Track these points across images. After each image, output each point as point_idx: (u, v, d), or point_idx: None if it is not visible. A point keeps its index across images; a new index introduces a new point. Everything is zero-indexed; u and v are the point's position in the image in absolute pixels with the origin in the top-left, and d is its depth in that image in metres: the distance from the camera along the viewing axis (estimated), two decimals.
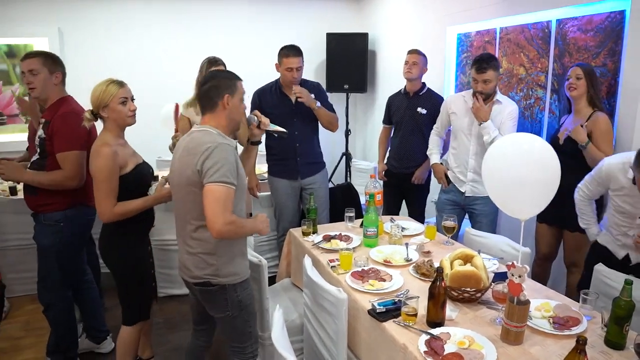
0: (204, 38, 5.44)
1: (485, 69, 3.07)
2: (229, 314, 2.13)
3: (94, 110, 2.31)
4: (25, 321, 3.59)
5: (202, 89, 2.07)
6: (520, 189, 1.82)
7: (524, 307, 1.73)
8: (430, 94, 3.87)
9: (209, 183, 1.90)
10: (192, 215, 2.04)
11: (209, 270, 2.07)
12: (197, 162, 1.93)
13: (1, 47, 4.98)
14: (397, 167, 3.92)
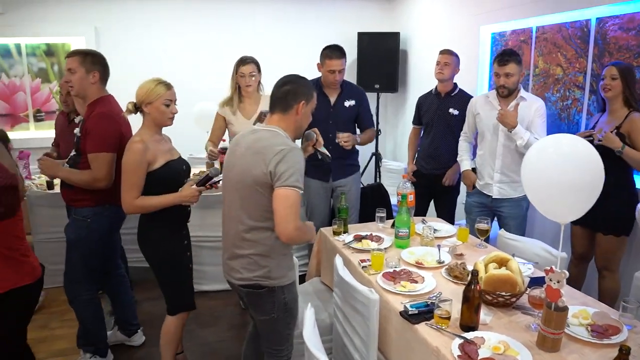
0: (236, 37, 5.50)
1: (507, 61, 3.03)
2: (273, 316, 2.12)
3: (138, 104, 2.38)
4: (61, 312, 3.69)
5: (281, 89, 2.07)
6: (562, 192, 1.77)
7: (562, 313, 1.69)
8: (462, 94, 3.81)
9: (283, 187, 1.90)
10: (249, 215, 2.02)
11: (260, 272, 2.05)
12: (269, 163, 1.92)
13: (40, 46, 5.13)
14: (427, 168, 3.87)
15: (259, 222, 2.01)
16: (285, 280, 2.11)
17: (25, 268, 2.09)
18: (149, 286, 4.10)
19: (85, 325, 2.91)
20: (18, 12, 4.93)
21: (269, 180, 1.93)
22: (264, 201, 1.97)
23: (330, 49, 3.38)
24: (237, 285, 2.14)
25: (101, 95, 2.75)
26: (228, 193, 2.12)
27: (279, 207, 1.91)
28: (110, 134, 2.62)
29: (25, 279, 2.08)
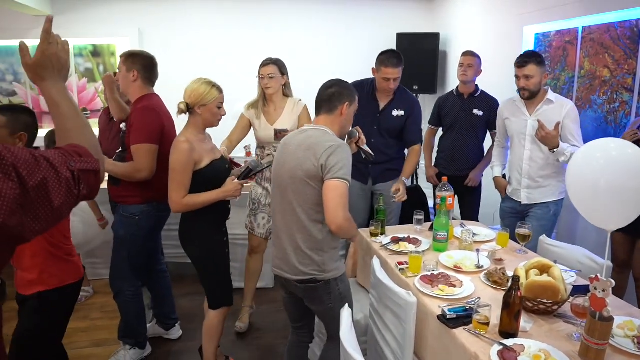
0: (277, 38, 5.55)
1: (525, 62, 2.96)
2: (330, 306, 2.20)
3: (191, 105, 2.45)
4: (102, 304, 3.82)
5: (326, 92, 2.20)
6: (609, 198, 1.72)
7: (607, 323, 1.64)
8: (485, 96, 3.77)
9: (333, 179, 2.00)
10: (301, 209, 2.12)
11: (314, 266, 2.14)
12: (321, 157, 2.03)
13: (87, 47, 5.31)
14: (449, 169, 3.80)
15: (310, 216, 2.11)
16: (338, 272, 2.21)
17: (70, 267, 2.19)
18: (186, 282, 4.21)
19: (127, 319, 3.00)
20: (67, 15, 5.12)
21: (319, 173, 2.03)
22: (315, 195, 2.07)
23: (386, 55, 3.23)
24: (292, 281, 2.20)
25: (145, 93, 2.83)
26: (278, 190, 2.20)
27: (329, 197, 2.01)
28: (152, 126, 2.70)
29: (71, 278, 2.18)
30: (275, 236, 2.27)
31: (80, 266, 2.27)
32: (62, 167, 1.00)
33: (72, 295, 2.25)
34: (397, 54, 3.26)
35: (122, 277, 2.91)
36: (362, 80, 3.50)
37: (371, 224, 2.88)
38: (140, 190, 2.78)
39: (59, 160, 1.01)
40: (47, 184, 0.95)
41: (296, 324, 2.48)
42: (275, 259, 2.28)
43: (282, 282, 2.30)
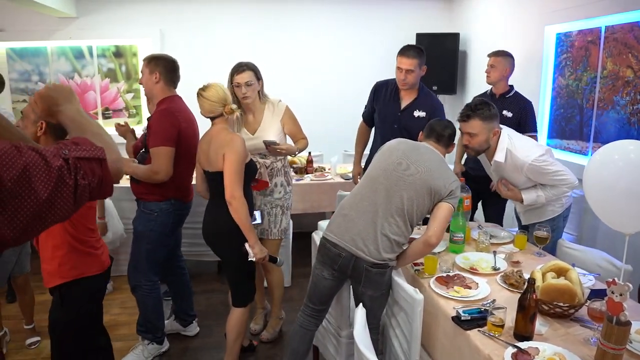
0: (295, 38, 5.57)
1: (468, 117, 2.65)
2: (384, 291, 2.30)
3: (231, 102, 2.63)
4: (122, 299, 3.89)
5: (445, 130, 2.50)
6: (628, 201, 1.69)
7: (624, 328, 1.62)
8: (518, 97, 3.69)
9: (447, 202, 2.28)
10: (413, 209, 2.28)
11: (392, 254, 2.26)
12: (451, 184, 2.29)
13: (110, 47, 5.41)
14: (476, 170, 3.76)
15: (414, 217, 2.29)
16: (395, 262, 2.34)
17: (93, 260, 2.23)
18: (204, 279, 4.27)
19: (145, 314, 3.05)
20: (90, 17, 5.23)
21: (443, 195, 2.27)
22: (429, 205, 2.29)
23: (405, 47, 3.29)
24: (364, 262, 2.24)
25: (167, 95, 2.88)
26: (393, 177, 2.31)
27: (441, 216, 2.26)
28: (169, 129, 2.75)
29: (92, 270, 2.22)
30: (359, 216, 2.31)
31: (104, 259, 2.30)
32: (54, 156, 0.97)
33: (95, 287, 2.29)
34: (416, 47, 3.27)
35: (139, 272, 2.97)
36: (387, 80, 3.51)
37: None
38: (160, 189, 2.83)
39: (52, 151, 0.98)
40: (29, 173, 0.91)
41: (320, 306, 2.48)
42: (349, 234, 2.28)
43: (339, 259, 2.30)
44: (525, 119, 3.61)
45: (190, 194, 3.07)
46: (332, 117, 5.27)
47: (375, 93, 3.50)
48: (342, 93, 4.23)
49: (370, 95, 3.54)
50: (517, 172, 2.70)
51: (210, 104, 2.57)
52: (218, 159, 2.54)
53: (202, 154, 2.69)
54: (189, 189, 3.06)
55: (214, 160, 2.57)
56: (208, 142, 2.63)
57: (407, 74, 3.22)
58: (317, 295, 2.45)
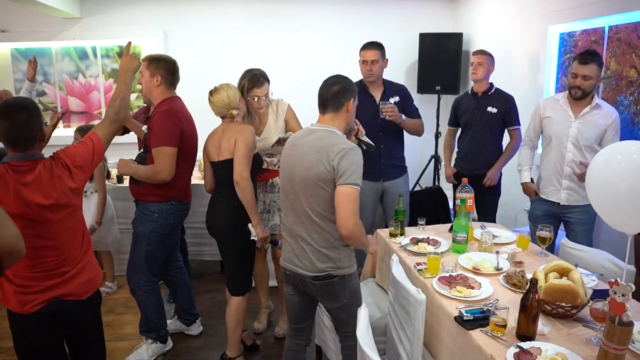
0: (299, 38, 5.58)
1: (589, 61, 2.90)
2: (345, 302, 2.22)
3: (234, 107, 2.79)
4: (126, 299, 3.90)
5: (331, 90, 2.16)
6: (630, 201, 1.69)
7: (626, 328, 1.62)
8: (500, 93, 3.78)
9: (345, 185, 2.02)
10: (316, 210, 2.12)
11: (330, 263, 2.16)
12: (332, 160, 2.03)
13: (114, 48, 5.43)
14: (468, 169, 3.78)
15: (324, 217, 2.12)
16: (352, 269, 2.24)
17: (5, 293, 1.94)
18: (207, 279, 4.29)
19: (146, 314, 3.07)
20: (94, 17, 5.25)
21: (331, 176, 2.04)
22: (328, 196, 2.08)
23: (365, 43, 3.54)
24: (307, 278, 2.19)
25: (167, 97, 2.90)
26: (290, 190, 2.20)
27: (340, 204, 2.03)
28: (172, 129, 2.77)
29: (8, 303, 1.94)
30: (288, 234, 2.27)
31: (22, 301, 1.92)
32: None
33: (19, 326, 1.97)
34: (376, 42, 3.52)
35: (138, 273, 2.97)
36: None
37: (390, 225, 2.89)
38: (160, 189, 2.85)
39: None
40: None
41: (297, 324, 2.46)
42: (287, 254, 2.28)
43: (292, 278, 2.29)
44: (510, 113, 3.74)
45: (189, 194, 3.07)
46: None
47: None
48: None
49: None
50: (605, 118, 2.97)
51: (217, 108, 2.78)
52: (230, 145, 2.72)
53: (211, 147, 2.82)
54: (189, 189, 3.06)
55: (225, 147, 2.74)
56: (220, 134, 2.79)
57: (372, 64, 3.45)
58: (290, 313, 2.47)
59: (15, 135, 1.87)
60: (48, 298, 1.94)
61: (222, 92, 2.75)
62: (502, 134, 3.82)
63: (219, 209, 2.84)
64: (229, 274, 2.94)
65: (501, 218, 4.06)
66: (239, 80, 3.03)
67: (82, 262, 2.05)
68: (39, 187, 1.88)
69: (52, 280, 1.95)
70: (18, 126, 1.86)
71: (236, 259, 2.86)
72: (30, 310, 1.92)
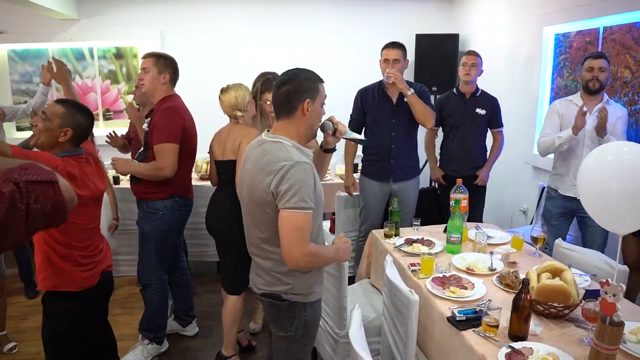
0: (294, 39, 5.59)
1: (601, 55, 3.08)
2: (290, 334, 1.96)
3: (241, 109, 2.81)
4: (122, 299, 3.91)
5: (280, 91, 1.84)
6: (621, 202, 1.70)
7: (617, 328, 1.62)
8: (486, 95, 3.81)
9: (285, 209, 1.73)
10: (262, 233, 1.89)
11: (283, 287, 1.90)
12: (271, 182, 1.75)
13: (111, 49, 5.43)
14: (457, 170, 3.78)
15: (271, 242, 1.86)
16: (310, 297, 1.95)
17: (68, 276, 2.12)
18: (205, 280, 4.29)
19: (151, 312, 3.08)
20: (91, 18, 5.26)
21: (272, 201, 1.77)
22: (271, 221, 1.81)
23: (388, 43, 3.47)
24: (258, 294, 2.00)
25: (168, 94, 2.91)
26: (244, 206, 1.99)
27: (282, 232, 1.75)
28: (174, 126, 2.79)
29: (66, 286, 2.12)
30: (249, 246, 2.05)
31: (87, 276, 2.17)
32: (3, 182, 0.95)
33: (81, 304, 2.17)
34: (399, 42, 3.47)
35: (150, 271, 3.00)
36: (367, 87, 3.60)
37: (385, 225, 2.90)
38: (162, 186, 2.86)
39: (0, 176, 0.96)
40: None
41: None
42: (251, 270, 2.13)
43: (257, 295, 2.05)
44: (496, 115, 3.79)
45: (191, 191, 3.10)
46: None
47: (362, 100, 3.55)
48: (343, 94, 4.25)
49: (357, 104, 3.57)
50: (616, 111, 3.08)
51: (225, 107, 2.84)
52: (234, 146, 2.75)
53: (216, 146, 2.87)
54: (190, 185, 3.09)
55: (229, 148, 2.77)
56: (225, 135, 2.84)
57: (394, 63, 3.36)
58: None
59: (85, 134, 2.23)
60: (99, 271, 2.25)
61: (231, 92, 2.80)
62: (486, 135, 3.86)
63: (220, 206, 2.87)
64: (225, 272, 2.96)
65: (497, 219, 4.07)
66: (253, 82, 3.10)
67: (104, 239, 2.35)
68: (96, 175, 2.22)
69: (99, 256, 2.26)
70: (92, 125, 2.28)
71: (234, 257, 2.87)
72: (94, 282, 2.22)
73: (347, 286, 2.47)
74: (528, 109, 4.42)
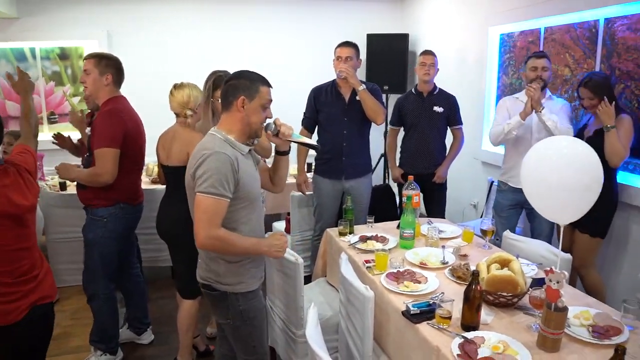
0: (245, 39, 5.55)
1: (543, 55, 3.23)
2: (230, 322, 2.09)
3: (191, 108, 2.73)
4: (74, 310, 3.77)
5: (223, 88, 2.02)
6: (562, 193, 1.78)
7: (561, 314, 1.70)
8: (443, 92, 3.89)
9: (197, 192, 1.87)
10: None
11: (211, 274, 2.04)
12: (192, 167, 1.91)
13: (54, 49, 5.22)
14: (415, 168, 3.85)
15: None
16: (240, 288, 2.04)
17: None
18: (159, 285, 4.20)
19: (101, 323, 2.98)
20: (33, 17, 5.03)
21: (193, 185, 1.91)
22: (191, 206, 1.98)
23: (342, 42, 3.50)
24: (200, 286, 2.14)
25: (113, 96, 2.82)
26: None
27: (195, 213, 1.90)
28: (114, 130, 2.69)
29: None
30: None
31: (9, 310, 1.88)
32: None
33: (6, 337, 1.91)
34: (350, 41, 3.50)
35: (95, 280, 2.89)
36: (321, 85, 3.61)
37: (339, 224, 2.92)
38: (107, 193, 2.77)
39: None
40: None
41: (221, 332, 2.35)
42: None
43: None
44: (454, 113, 3.86)
45: (140, 196, 3.01)
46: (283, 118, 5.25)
47: (315, 98, 3.57)
48: (294, 93, 4.27)
49: (310, 102, 3.60)
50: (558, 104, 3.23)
51: (175, 103, 2.74)
52: (181, 155, 2.62)
53: (161, 149, 2.77)
54: (138, 191, 3.00)
55: (175, 156, 2.66)
56: (170, 138, 2.72)
57: (346, 60, 3.39)
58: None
59: None
60: (29, 303, 1.93)
61: (185, 89, 2.72)
62: (446, 133, 3.93)
63: (169, 210, 2.78)
64: (179, 276, 2.89)
65: (449, 214, 4.17)
66: (205, 80, 2.97)
67: (44, 264, 2.06)
68: (16, 189, 1.93)
69: (28, 285, 1.94)
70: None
71: (187, 260, 2.76)
72: (18, 317, 1.90)
73: (303, 285, 2.47)
74: (476, 106, 4.56)
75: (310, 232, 3.82)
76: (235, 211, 1.96)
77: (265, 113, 2.02)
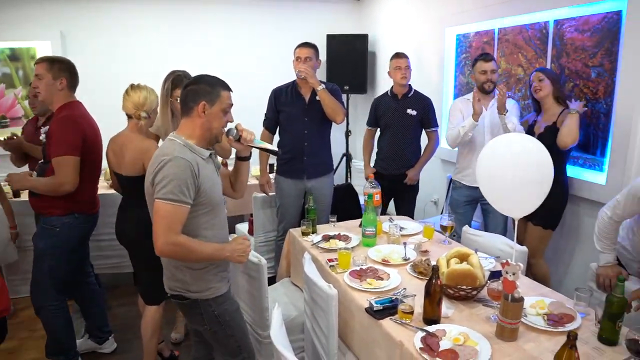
0: (204, 40, 5.48)
1: (491, 58, 3.37)
2: (206, 327, 2.08)
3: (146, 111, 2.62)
4: (29, 321, 3.63)
5: (182, 92, 1.98)
6: (515, 188, 1.85)
7: (518, 304, 1.76)
8: (418, 95, 3.92)
9: (156, 199, 1.84)
10: None
11: (178, 284, 2.02)
12: (152, 173, 1.88)
13: (4, 50, 5.02)
14: (388, 169, 3.92)
15: None
16: (210, 294, 2.03)
17: None
18: (120, 292, 4.10)
19: (53, 335, 2.87)
20: None
21: (152, 191, 1.89)
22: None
23: (301, 42, 3.54)
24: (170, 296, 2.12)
25: (68, 101, 2.73)
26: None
27: (153, 220, 1.87)
28: (72, 137, 2.59)
29: None
30: None
31: None
32: None
33: None
34: (310, 42, 3.54)
35: (43, 292, 2.77)
36: (281, 85, 3.63)
37: (302, 224, 2.93)
38: (62, 202, 2.67)
39: None
40: None
41: (195, 337, 2.36)
42: None
43: None
44: (428, 115, 3.89)
45: (96, 205, 2.92)
46: (243, 118, 5.21)
47: (276, 98, 3.58)
48: (254, 94, 4.26)
49: (270, 103, 3.61)
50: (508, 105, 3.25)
51: (130, 104, 2.61)
52: (136, 167, 2.53)
53: (112, 155, 2.66)
54: (95, 200, 2.91)
55: (129, 166, 2.56)
56: (120, 144, 2.61)
57: (305, 61, 3.42)
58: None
59: None
60: None
61: (142, 91, 2.62)
62: (420, 135, 3.96)
63: (128, 216, 2.71)
64: (141, 282, 2.83)
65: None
66: (163, 80, 2.90)
67: None
68: None
69: None
70: None
71: (149, 267, 2.69)
72: None
73: (267, 287, 2.47)
74: (434, 105, 4.65)
75: (273, 233, 3.81)
76: (197, 217, 1.94)
77: (226, 117, 2.01)
